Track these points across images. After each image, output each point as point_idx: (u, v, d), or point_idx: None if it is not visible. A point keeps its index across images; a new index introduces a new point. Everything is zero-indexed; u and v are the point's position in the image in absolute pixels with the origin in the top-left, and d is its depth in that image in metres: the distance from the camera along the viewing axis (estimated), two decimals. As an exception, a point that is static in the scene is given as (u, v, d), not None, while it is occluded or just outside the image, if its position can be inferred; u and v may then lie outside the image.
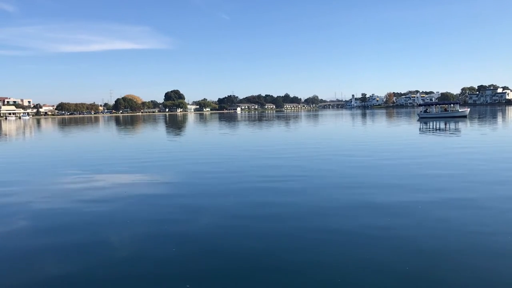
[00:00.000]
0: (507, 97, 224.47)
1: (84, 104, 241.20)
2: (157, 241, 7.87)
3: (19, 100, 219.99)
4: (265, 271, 6.35)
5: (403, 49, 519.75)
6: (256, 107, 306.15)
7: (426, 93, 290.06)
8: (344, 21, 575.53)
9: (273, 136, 36.29)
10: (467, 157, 17.92)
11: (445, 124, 45.81)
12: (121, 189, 12.83)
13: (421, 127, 42.38)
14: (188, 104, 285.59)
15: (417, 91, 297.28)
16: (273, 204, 10.37)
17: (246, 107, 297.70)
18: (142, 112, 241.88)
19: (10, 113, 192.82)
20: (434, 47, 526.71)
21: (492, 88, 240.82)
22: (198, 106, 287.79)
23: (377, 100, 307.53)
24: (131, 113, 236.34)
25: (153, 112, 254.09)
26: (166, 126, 64.07)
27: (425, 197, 10.59)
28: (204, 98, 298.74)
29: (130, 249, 7.46)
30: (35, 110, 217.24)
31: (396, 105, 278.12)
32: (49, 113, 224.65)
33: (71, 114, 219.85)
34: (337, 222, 8.65)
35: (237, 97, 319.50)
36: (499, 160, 16.97)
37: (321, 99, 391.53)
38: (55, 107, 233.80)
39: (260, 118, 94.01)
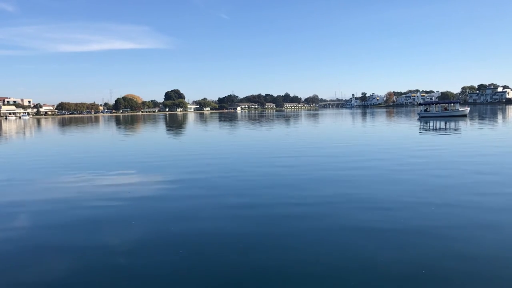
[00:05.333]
0: (507, 96, 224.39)
1: (84, 103, 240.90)
2: (161, 242, 7.87)
3: (19, 100, 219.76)
4: (275, 280, 6.36)
5: (403, 48, 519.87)
6: (256, 106, 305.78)
7: (426, 92, 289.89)
8: (344, 20, 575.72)
9: (277, 138, 36.24)
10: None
11: (445, 123, 45.81)
12: (124, 190, 12.82)
13: (422, 126, 42.37)
14: (188, 103, 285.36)
15: (417, 90, 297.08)
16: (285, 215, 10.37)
17: (246, 106, 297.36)
18: (142, 112, 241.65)
19: (10, 113, 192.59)
20: (434, 46, 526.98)
21: (492, 87, 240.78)
22: (198, 106, 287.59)
23: (377, 100, 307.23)
24: (131, 112, 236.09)
25: (153, 111, 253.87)
26: (166, 126, 64.02)
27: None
28: (204, 98, 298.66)
29: (133, 250, 7.46)
30: (35, 110, 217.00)
31: (396, 104, 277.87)
32: (49, 112, 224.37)
33: (71, 114, 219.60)
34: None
35: (237, 96, 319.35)
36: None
37: (321, 99, 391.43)
38: (55, 106, 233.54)
39: (262, 118, 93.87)
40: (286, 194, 11.41)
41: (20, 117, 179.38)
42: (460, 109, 64.17)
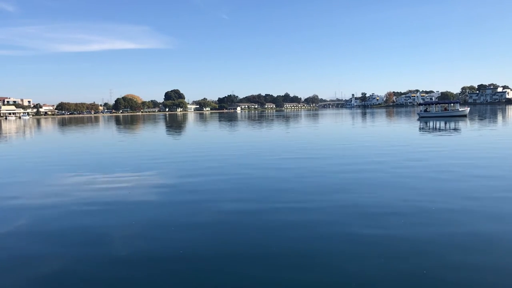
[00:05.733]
0: (507, 96, 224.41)
1: (84, 104, 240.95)
2: (163, 242, 7.88)
3: (19, 100, 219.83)
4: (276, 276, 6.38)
5: (403, 48, 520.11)
6: (256, 106, 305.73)
7: (426, 92, 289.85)
8: (344, 20, 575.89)
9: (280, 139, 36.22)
10: None
11: (445, 123, 45.80)
12: (125, 190, 12.84)
13: (422, 126, 42.34)
14: (188, 103, 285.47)
15: (417, 90, 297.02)
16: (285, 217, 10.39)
17: (246, 106, 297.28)
18: (142, 112, 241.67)
19: (10, 113, 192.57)
20: (434, 46, 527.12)
21: (492, 87, 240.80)
22: (198, 106, 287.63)
23: (377, 100, 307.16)
24: (131, 112, 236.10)
25: (153, 111, 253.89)
26: (166, 127, 64.01)
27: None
28: (204, 98, 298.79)
29: (134, 250, 7.48)
30: (35, 110, 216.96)
31: (396, 104, 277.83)
32: (49, 113, 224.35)
33: (71, 114, 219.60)
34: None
35: (237, 96, 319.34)
36: None
37: (321, 99, 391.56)
38: (55, 107, 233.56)
39: (261, 118, 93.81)
40: (285, 198, 11.39)
41: (20, 117, 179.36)
42: (460, 109, 64.20)
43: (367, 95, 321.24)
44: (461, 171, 14.45)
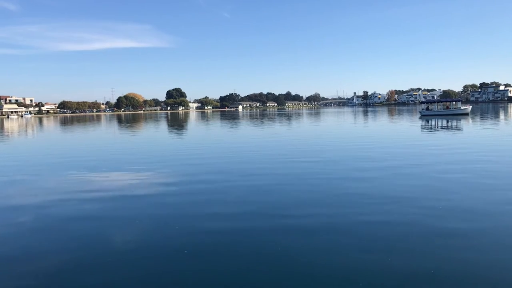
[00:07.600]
0: (509, 94, 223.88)
1: (86, 102, 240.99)
2: (164, 242, 7.90)
3: (21, 99, 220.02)
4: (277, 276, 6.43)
5: (405, 46, 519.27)
6: (257, 105, 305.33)
7: (428, 90, 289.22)
8: (346, 18, 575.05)
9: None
10: None
11: (447, 121, 45.71)
12: (127, 188, 12.88)
13: (423, 125, 42.28)
14: (190, 102, 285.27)
15: (419, 89, 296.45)
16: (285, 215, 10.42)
17: (248, 105, 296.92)
18: (143, 110, 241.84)
19: (12, 112, 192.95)
20: (436, 45, 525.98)
21: (494, 85, 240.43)
22: (199, 104, 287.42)
23: (379, 98, 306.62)
24: (133, 111, 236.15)
25: (155, 110, 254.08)
26: (168, 126, 64.06)
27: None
28: (206, 96, 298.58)
29: (136, 250, 7.51)
30: (37, 109, 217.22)
31: (397, 102, 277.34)
32: (51, 111, 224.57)
33: (73, 113, 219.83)
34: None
35: (238, 95, 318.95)
36: None
37: (323, 97, 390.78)
38: (57, 105, 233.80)
39: (263, 117, 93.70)
40: (284, 205, 11.36)
41: (22, 116, 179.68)
42: (462, 108, 64.04)
43: (369, 94, 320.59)
44: (463, 173, 14.44)
